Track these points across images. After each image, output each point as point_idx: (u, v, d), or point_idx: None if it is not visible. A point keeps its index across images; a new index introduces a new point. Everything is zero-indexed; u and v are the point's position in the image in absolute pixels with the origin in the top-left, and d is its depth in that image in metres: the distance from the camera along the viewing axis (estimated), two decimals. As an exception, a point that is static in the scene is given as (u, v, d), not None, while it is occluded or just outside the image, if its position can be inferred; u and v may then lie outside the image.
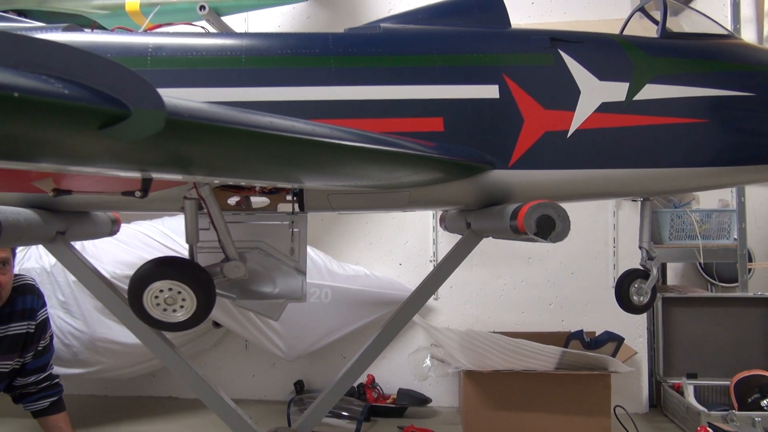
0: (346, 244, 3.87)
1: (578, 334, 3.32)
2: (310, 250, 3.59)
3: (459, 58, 1.81)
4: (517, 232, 1.55)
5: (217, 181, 1.51)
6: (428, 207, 1.94)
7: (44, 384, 2.97)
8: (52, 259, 3.33)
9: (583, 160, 1.81)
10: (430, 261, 3.79)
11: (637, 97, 1.82)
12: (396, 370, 3.76)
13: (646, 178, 1.84)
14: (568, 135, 1.80)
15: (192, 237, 1.72)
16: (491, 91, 1.78)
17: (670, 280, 4.68)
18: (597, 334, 3.44)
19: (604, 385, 3.30)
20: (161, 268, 1.65)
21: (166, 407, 3.80)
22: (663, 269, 4.57)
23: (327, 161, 1.24)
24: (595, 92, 1.81)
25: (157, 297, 1.63)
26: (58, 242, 1.72)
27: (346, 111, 1.72)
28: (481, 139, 1.77)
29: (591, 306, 3.72)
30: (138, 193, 1.26)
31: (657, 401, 3.74)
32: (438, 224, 3.75)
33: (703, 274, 4.67)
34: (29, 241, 1.62)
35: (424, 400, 3.62)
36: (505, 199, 1.85)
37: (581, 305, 3.72)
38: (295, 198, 1.90)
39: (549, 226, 1.50)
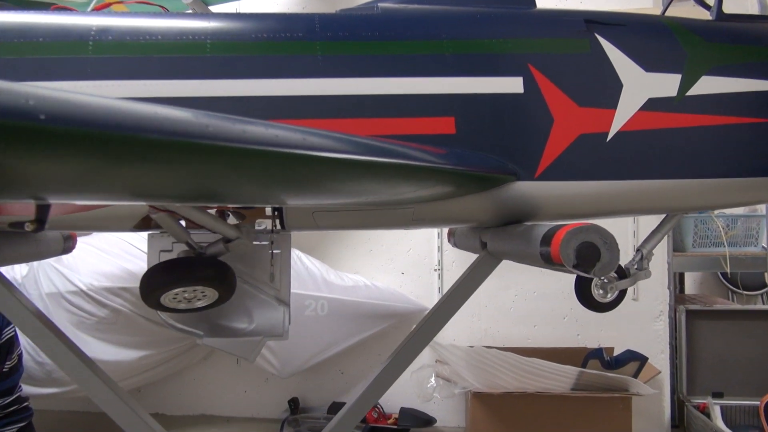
0: (345, 252, 3.50)
1: (598, 353, 2.95)
2: (305, 259, 3.23)
3: (474, 44, 1.44)
4: (549, 262, 1.19)
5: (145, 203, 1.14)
6: (435, 225, 1.59)
7: (11, 408, 2.62)
8: (24, 270, 2.98)
9: (625, 168, 1.44)
10: (435, 270, 3.43)
11: (691, 92, 1.45)
12: (398, 388, 3.35)
13: (702, 190, 1.47)
14: (608, 138, 1.43)
15: (181, 236, 1.46)
16: (514, 85, 1.41)
17: (689, 288, 4.31)
18: (618, 353, 3.08)
19: (624, 408, 2.94)
20: (166, 277, 1.41)
21: (152, 424, 3.46)
22: (680, 277, 4.20)
23: (302, 178, 0.88)
24: (640, 86, 1.44)
25: (176, 297, 1.43)
26: (-19, 269, 1.36)
27: (336, 109, 1.36)
28: (502, 144, 1.41)
29: (608, 320, 3.35)
30: (29, 226, 0.89)
31: (679, 421, 3.38)
32: (446, 237, 3.40)
33: (724, 281, 4.30)
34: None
35: (428, 421, 3.26)
36: (529, 216, 1.48)
37: (597, 319, 3.35)
38: (276, 213, 1.54)
39: (593, 257, 1.14)
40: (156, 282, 1.40)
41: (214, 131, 0.68)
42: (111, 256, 3.06)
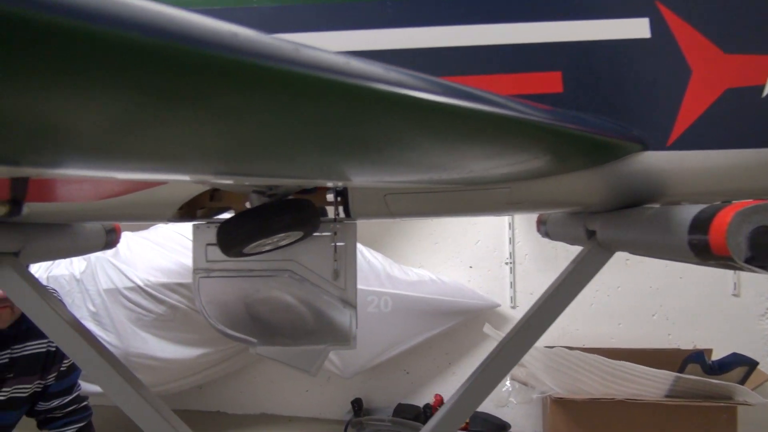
0: (408, 244, 3.21)
1: (698, 357, 2.55)
2: (367, 252, 2.96)
3: (584, -21, 1.11)
4: (703, 255, 0.85)
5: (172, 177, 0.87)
6: (534, 209, 1.28)
7: (70, 408, 2.48)
8: (82, 266, 2.84)
9: (787, 132, 1.08)
10: (506, 263, 3.09)
11: None
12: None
13: None
14: (765, 93, 1.07)
15: (246, 188, 1.19)
16: (638, 28, 1.08)
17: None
18: (717, 355, 2.66)
19: (728, 419, 2.53)
20: (242, 234, 1.15)
21: (214, 422, 3.29)
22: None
23: (354, 129, 0.58)
24: (806, 24, 1.08)
25: (259, 245, 1.19)
26: (4, 267, 1.14)
27: (411, 65, 1.06)
28: (622, 104, 1.08)
29: (704, 317, 2.92)
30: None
31: (789, 433, 2.92)
32: (518, 227, 3.05)
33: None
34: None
35: (501, 426, 2.95)
36: (654, 196, 1.14)
37: (692, 316, 2.93)
38: (339, 198, 1.26)
39: None
40: (233, 240, 1.16)
41: (245, 41, 0.39)
42: (167, 251, 2.89)
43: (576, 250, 2.01)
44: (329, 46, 1.03)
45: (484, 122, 0.71)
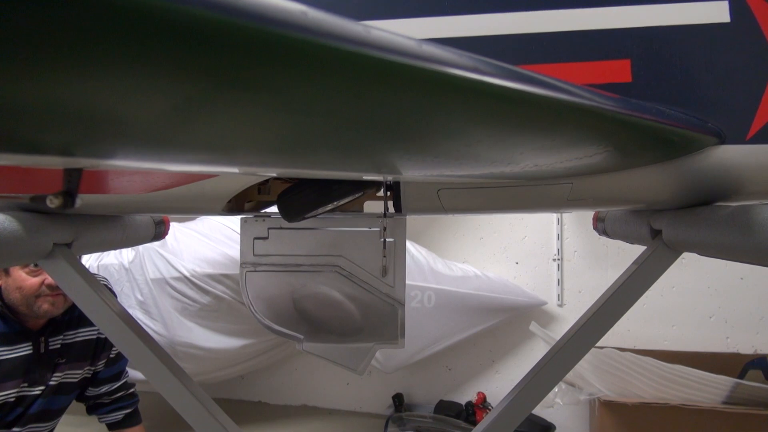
0: (453, 239, 3.15)
1: (760, 362, 2.43)
2: (411, 246, 2.92)
3: (655, -41, 1.04)
4: None
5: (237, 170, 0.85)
6: (595, 206, 1.21)
7: (118, 394, 2.54)
8: (130, 256, 2.90)
9: None
10: (554, 260, 2.99)
11: None
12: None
13: None
14: None
15: None
16: (716, 12, 1.00)
17: None
18: (782, 361, 2.53)
19: (792, 429, 2.40)
20: (303, 205, 1.12)
21: (256, 412, 3.32)
22: None
23: (420, 117, 0.53)
24: None
25: (319, 210, 1.17)
26: (57, 258, 1.15)
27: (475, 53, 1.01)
28: (697, 95, 1.00)
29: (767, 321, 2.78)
30: (53, 201, 0.61)
31: None
32: (566, 223, 2.95)
33: None
34: (8, 261, 1.07)
35: (546, 427, 2.87)
36: (728, 193, 1.07)
37: (754, 320, 2.78)
38: (389, 193, 1.22)
39: None
40: (296, 210, 1.15)
41: (314, 21, 0.35)
42: (212, 242, 2.91)
43: (632, 248, 1.92)
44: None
45: (557, 110, 0.66)
